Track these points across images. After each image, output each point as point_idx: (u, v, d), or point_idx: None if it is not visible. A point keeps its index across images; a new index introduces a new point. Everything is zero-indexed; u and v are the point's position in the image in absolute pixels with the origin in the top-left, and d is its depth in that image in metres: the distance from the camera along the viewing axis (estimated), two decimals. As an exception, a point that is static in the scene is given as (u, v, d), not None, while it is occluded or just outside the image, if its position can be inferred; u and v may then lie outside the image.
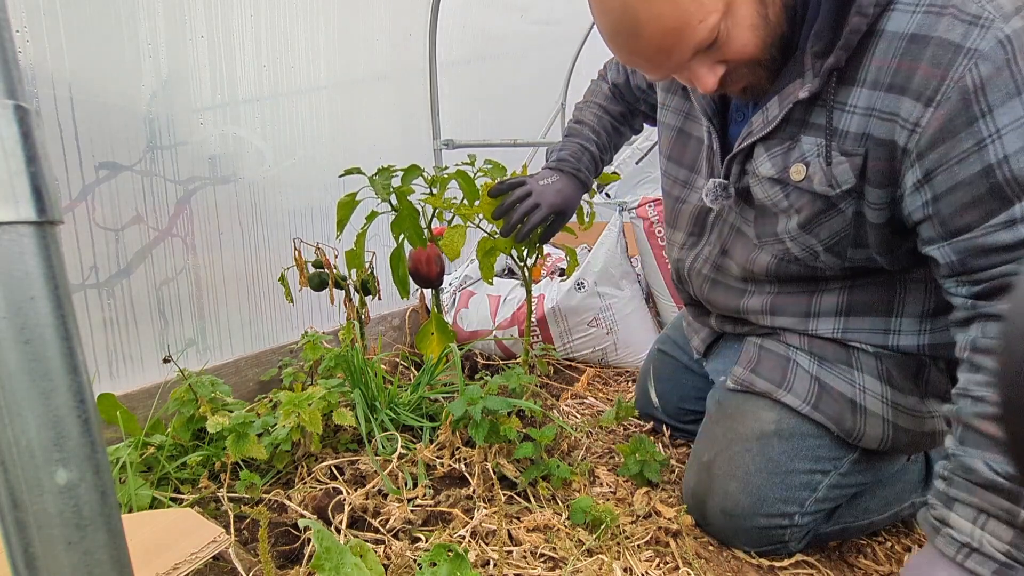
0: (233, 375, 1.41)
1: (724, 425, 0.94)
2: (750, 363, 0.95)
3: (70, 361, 0.34)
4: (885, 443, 0.86)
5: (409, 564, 0.79)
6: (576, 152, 1.20)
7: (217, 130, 1.42)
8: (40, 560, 0.33)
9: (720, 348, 1.09)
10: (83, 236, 1.13)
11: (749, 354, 0.96)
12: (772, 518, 0.87)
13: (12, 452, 0.32)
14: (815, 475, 0.87)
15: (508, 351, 1.81)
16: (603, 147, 1.24)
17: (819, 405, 0.87)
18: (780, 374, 0.91)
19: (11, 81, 0.32)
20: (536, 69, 2.91)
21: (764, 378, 0.92)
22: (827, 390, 0.87)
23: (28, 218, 0.32)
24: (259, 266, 1.53)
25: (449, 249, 1.21)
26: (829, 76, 0.71)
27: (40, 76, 1.05)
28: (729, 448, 0.91)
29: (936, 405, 0.86)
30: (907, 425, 0.85)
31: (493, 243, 1.26)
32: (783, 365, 0.91)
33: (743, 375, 0.95)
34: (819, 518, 0.89)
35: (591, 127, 1.23)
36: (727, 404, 0.96)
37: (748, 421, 0.91)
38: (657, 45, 0.69)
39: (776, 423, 0.89)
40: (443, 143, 2.22)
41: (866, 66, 0.69)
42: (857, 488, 0.91)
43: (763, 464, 0.88)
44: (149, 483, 0.96)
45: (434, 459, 1.05)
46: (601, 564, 0.81)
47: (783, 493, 0.86)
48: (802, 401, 0.88)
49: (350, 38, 1.82)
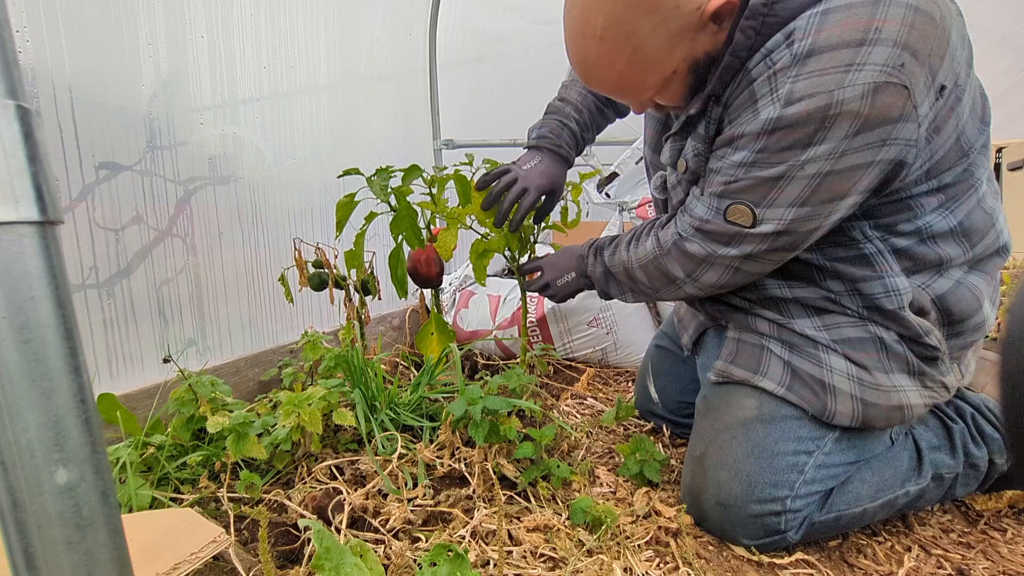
0: (233, 375, 1.41)
1: (711, 417, 0.99)
2: (730, 356, 1.00)
3: (70, 361, 0.34)
4: (856, 420, 0.89)
5: (409, 564, 0.79)
6: (556, 129, 1.22)
7: (217, 130, 1.42)
8: (40, 560, 0.33)
9: (706, 343, 1.14)
10: (83, 236, 1.13)
11: (729, 348, 1.02)
12: (765, 503, 0.89)
13: (12, 452, 0.32)
14: (800, 456, 0.90)
15: (508, 351, 1.81)
16: (584, 126, 1.26)
17: (792, 387, 0.92)
18: (755, 362, 0.96)
19: (11, 81, 0.32)
20: (536, 69, 2.91)
21: (741, 367, 0.97)
22: (798, 373, 0.92)
23: (28, 218, 0.32)
24: (259, 266, 1.53)
25: (442, 249, 1.22)
26: (707, 101, 0.89)
27: (40, 76, 1.05)
28: (717, 438, 0.95)
29: (902, 380, 0.89)
30: (875, 400, 0.89)
31: (486, 244, 1.26)
32: (758, 354, 0.97)
33: (724, 367, 1.00)
34: (812, 504, 0.91)
35: (574, 105, 1.25)
36: (712, 398, 1.01)
37: (732, 409, 0.96)
38: (608, 90, 0.91)
39: (758, 408, 0.94)
40: (443, 143, 2.22)
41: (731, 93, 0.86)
42: (844, 470, 0.93)
43: (749, 449, 0.91)
44: (149, 483, 0.96)
45: (434, 459, 1.05)
46: (601, 564, 0.81)
47: (772, 476, 0.89)
48: (777, 384, 0.93)
49: (350, 38, 1.82)
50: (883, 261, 0.87)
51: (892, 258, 0.88)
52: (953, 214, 0.86)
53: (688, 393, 1.25)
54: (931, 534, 0.97)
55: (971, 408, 1.01)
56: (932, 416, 1.01)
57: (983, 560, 0.90)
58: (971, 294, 0.88)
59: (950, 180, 0.84)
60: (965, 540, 0.96)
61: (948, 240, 0.86)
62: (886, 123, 0.73)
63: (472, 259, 1.28)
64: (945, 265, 0.88)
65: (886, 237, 0.87)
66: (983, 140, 0.85)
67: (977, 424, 0.99)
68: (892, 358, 0.90)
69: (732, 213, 0.85)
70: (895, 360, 0.90)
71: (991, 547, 0.94)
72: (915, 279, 0.88)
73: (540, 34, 2.82)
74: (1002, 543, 0.95)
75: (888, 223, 0.86)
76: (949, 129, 0.80)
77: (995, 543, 0.95)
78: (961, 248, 0.87)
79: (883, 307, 0.88)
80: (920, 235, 0.86)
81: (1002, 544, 0.94)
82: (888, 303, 0.88)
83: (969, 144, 0.83)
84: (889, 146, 0.75)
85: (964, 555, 0.91)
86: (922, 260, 0.87)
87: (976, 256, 0.88)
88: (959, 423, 0.99)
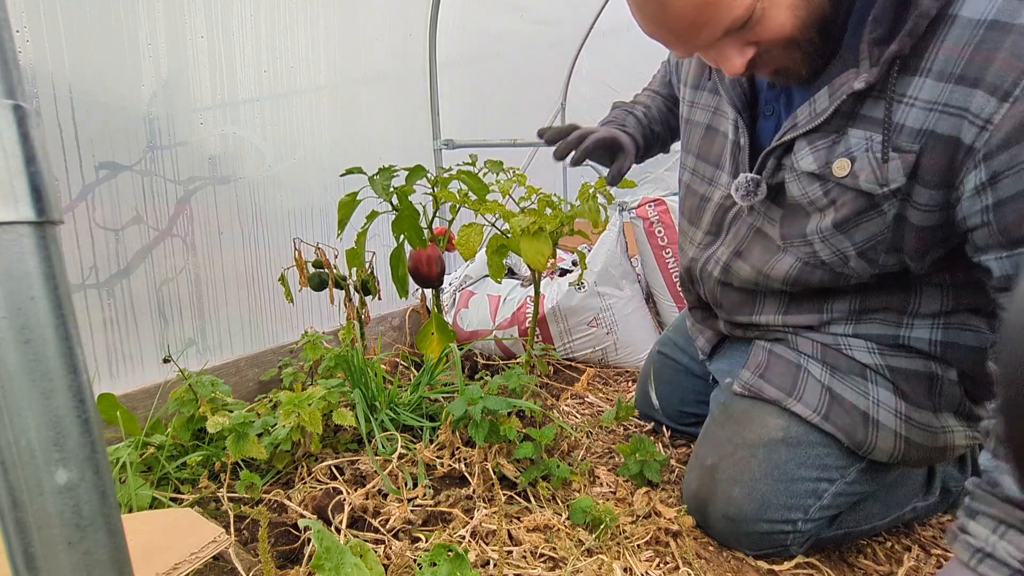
0: (233, 375, 1.41)
1: (730, 429, 0.93)
2: (759, 368, 0.93)
3: (70, 361, 0.34)
4: (896, 456, 0.84)
5: (409, 564, 0.79)
6: (619, 115, 1.19)
7: (217, 130, 1.42)
8: (40, 560, 0.33)
9: (726, 348, 1.08)
10: (83, 236, 1.13)
11: (758, 358, 0.94)
12: (775, 524, 0.86)
13: (12, 452, 0.32)
14: (821, 483, 0.86)
15: (508, 351, 1.80)
16: (652, 119, 1.20)
17: (830, 415, 0.85)
18: (790, 382, 0.89)
19: (11, 81, 0.32)
20: (536, 69, 2.91)
21: (774, 385, 0.90)
22: (839, 401, 0.85)
23: (28, 218, 0.32)
24: (259, 266, 1.53)
25: (464, 248, 1.18)
26: (891, 65, 0.65)
27: (40, 76, 1.05)
28: (735, 453, 0.90)
29: (950, 420, 0.83)
30: (920, 440, 0.83)
31: (504, 241, 1.24)
32: (793, 372, 0.89)
33: (751, 380, 0.93)
34: (822, 524, 0.88)
35: (642, 104, 1.23)
36: (733, 408, 0.95)
37: (755, 427, 0.90)
38: (688, 19, 0.64)
39: (784, 430, 0.87)
40: (443, 143, 2.22)
41: (932, 54, 0.63)
42: (861, 495, 0.90)
43: (769, 471, 0.86)
44: (149, 483, 0.96)
45: (434, 459, 1.05)
46: (601, 564, 0.81)
47: (788, 500, 0.85)
48: (812, 411, 0.86)
49: (350, 38, 1.82)
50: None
51: None
52: None
53: (690, 404, 1.23)
54: (931, 534, 0.97)
55: None
56: None
57: (983, 560, 0.90)
58: None
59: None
60: (965, 540, 0.96)
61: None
62: None
63: (488, 254, 1.27)
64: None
65: None
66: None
67: None
68: (943, 397, 0.82)
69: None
70: (946, 399, 0.82)
71: (991, 547, 0.94)
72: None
73: (540, 34, 2.82)
74: (1002, 543, 0.95)
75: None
76: None
77: (995, 543, 0.95)
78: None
79: (968, 344, 0.79)
80: None
81: (1002, 544, 0.94)
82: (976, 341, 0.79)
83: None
84: None
85: (964, 555, 0.91)
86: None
87: None
88: None
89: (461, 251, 1.20)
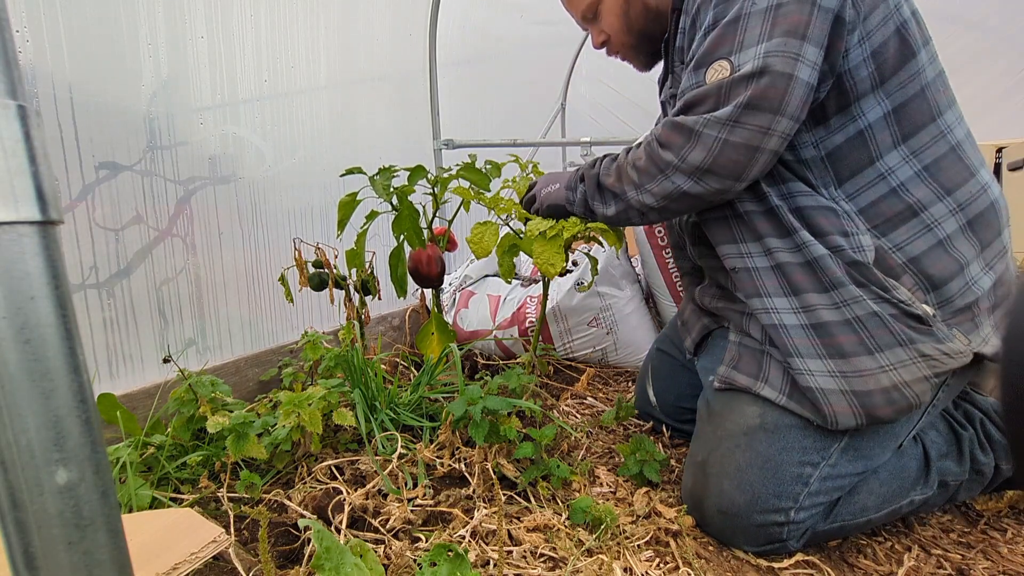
0: (233, 375, 1.41)
1: (713, 423, 0.97)
2: (732, 361, 0.98)
3: (70, 361, 0.34)
4: (859, 416, 0.84)
5: (409, 564, 0.79)
6: None
7: (217, 130, 1.42)
8: (40, 560, 0.33)
9: (708, 346, 1.13)
10: (83, 236, 1.13)
11: (731, 353, 0.99)
12: (768, 514, 0.87)
13: (12, 452, 0.32)
14: (805, 467, 0.88)
15: (508, 351, 1.80)
16: None
17: (793, 395, 0.89)
18: (756, 367, 0.94)
19: (11, 81, 0.32)
20: (536, 69, 2.92)
21: (744, 373, 0.95)
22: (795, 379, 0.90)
23: (28, 218, 0.32)
24: (259, 266, 1.53)
25: (478, 247, 1.15)
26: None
27: (40, 76, 1.05)
28: (720, 446, 0.93)
29: (888, 357, 0.84)
30: (863, 387, 0.84)
31: (516, 241, 1.24)
32: (758, 359, 0.94)
33: (726, 372, 0.98)
34: (816, 515, 0.89)
35: None
36: (714, 403, 0.99)
37: (735, 416, 0.94)
38: (566, 4, 1.10)
39: (760, 416, 0.91)
40: (443, 143, 2.22)
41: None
42: (851, 480, 0.91)
43: (753, 459, 0.90)
44: (149, 483, 0.96)
45: (434, 459, 1.05)
46: (601, 564, 0.81)
47: (776, 488, 0.88)
48: (779, 392, 0.90)
49: (350, 38, 1.82)
50: (849, 219, 0.87)
51: (858, 217, 0.87)
52: (918, 157, 0.86)
53: (686, 399, 1.24)
54: (931, 534, 0.97)
55: (980, 413, 1.01)
56: (942, 421, 0.99)
57: (983, 560, 0.90)
58: (949, 256, 0.85)
59: (902, 99, 0.85)
60: (965, 540, 0.96)
61: (917, 185, 0.86)
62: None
63: (499, 254, 1.26)
64: (920, 220, 0.86)
65: (850, 195, 0.88)
66: (931, 55, 0.87)
67: (986, 429, 0.99)
68: (875, 333, 0.85)
69: (711, 73, 0.87)
70: (879, 334, 0.84)
71: (991, 547, 0.94)
72: (887, 239, 0.87)
73: (540, 34, 2.82)
74: (1002, 543, 0.95)
75: (847, 168, 0.88)
76: (880, 14, 0.84)
77: (995, 543, 0.95)
78: (935, 195, 0.85)
79: (856, 260, 0.85)
80: (887, 182, 0.86)
81: (1002, 544, 0.94)
82: (859, 256, 0.86)
83: (916, 43, 0.85)
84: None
85: (964, 555, 0.91)
86: (891, 213, 0.86)
87: (960, 204, 0.86)
88: (968, 429, 0.98)
89: (474, 249, 1.17)
